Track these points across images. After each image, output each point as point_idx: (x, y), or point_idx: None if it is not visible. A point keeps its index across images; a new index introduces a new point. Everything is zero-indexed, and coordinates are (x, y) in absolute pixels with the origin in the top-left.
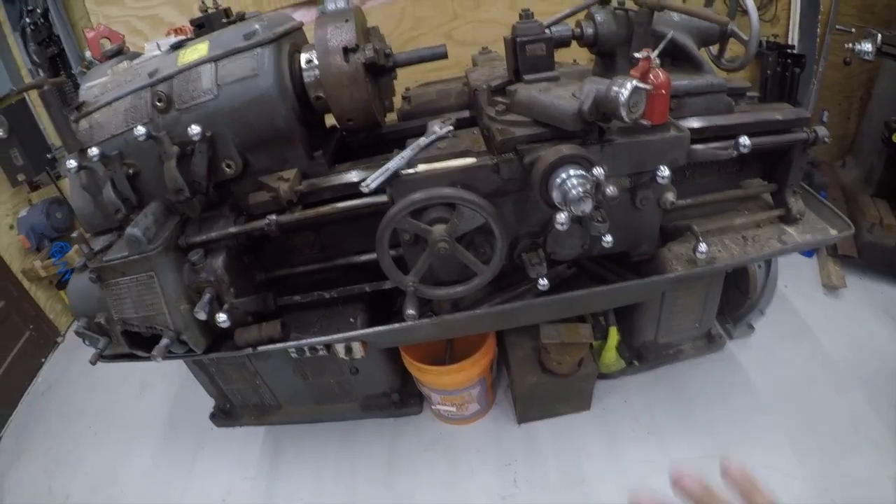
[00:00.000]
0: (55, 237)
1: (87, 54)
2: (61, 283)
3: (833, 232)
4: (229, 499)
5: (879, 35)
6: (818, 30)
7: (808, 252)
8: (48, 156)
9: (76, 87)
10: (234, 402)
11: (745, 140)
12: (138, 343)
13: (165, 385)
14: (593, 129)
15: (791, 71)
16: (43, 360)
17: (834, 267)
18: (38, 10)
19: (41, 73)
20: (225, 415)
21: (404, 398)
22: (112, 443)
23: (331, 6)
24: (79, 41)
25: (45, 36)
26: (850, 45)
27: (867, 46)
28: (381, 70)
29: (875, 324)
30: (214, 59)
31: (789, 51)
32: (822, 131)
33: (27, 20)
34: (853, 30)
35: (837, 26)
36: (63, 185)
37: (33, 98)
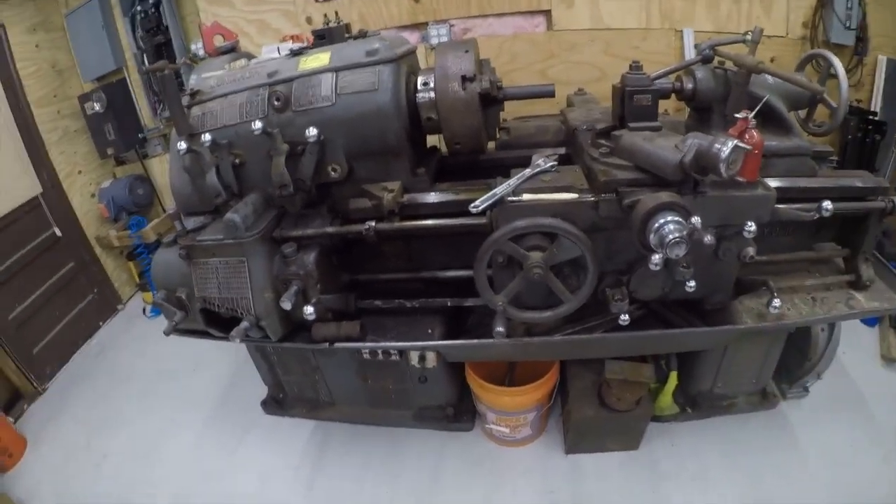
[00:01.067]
0: (134, 211)
1: (194, 48)
2: (131, 255)
3: None
4: (268, 483)
5: None
6: None
7: (871, 321)
8: (139, 135)
9: (177, 75)
10: (289, 393)
11: (827, 204)
12: (214, 322)
13: (219, 367)
14: (689, 180)
15: (871, 137)
16: (101, 323)
17: (895, 339)
18: (151, 0)
19: (145, 58)
20: (277, 403)
21: (458, 413)
22: (159, 412)
23: (434, 36)
24: (186, 34)
25: (154, 25)
26: None
27: None
28: (492, 101)
29: None
30: (336, 70)
31: (871, 117)
32: None
33: (139, 8)
34: None
35: None
36: (148, 164)
37: (134, 80)
